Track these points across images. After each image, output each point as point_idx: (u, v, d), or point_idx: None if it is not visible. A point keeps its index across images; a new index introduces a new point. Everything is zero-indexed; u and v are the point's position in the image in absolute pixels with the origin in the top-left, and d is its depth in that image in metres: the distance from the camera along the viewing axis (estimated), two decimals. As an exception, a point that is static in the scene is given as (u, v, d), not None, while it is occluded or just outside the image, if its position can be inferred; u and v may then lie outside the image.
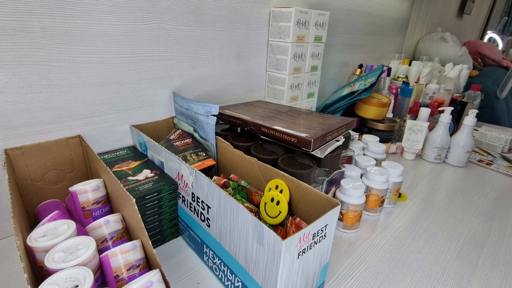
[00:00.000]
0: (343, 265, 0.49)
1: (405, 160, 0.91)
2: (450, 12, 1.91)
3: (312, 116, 0.62)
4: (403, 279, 0.47)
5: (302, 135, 0.48)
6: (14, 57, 0.43)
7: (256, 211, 0.44)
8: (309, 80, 0.84)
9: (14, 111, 0.45)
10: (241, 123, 0.58)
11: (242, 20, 0.70)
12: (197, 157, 0.51)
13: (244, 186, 0.48)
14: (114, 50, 0.52)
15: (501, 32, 2.71)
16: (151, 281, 0.29)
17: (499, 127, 1.27)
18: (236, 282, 0.40)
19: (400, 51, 1.48)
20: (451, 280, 0.47)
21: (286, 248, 0.30)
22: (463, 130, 0.85)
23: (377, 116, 0.87)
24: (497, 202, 0.71)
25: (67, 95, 0.49)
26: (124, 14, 0.51)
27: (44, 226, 0.35)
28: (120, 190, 0.37)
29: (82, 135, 0.52)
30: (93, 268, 0.31)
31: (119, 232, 0.40)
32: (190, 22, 0.61)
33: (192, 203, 0.45)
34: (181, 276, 0.45)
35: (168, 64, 0.60)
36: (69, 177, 0.52)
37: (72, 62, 0.48)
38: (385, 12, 1.21)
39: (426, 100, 1.15)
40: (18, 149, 0.46)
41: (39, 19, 0.43)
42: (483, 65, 1.84)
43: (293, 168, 0.47)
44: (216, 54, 0.68)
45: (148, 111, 0.61)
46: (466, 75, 1.42)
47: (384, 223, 0.61)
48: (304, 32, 0.74)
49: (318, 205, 0.39)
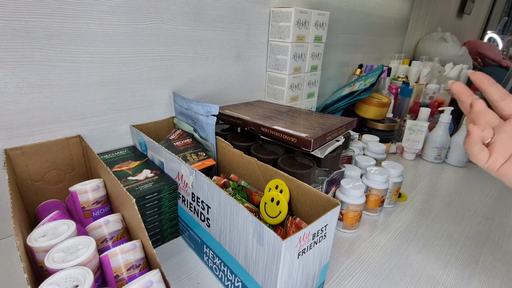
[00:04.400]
0: (343, 265, 0.49)
1: (405, 160, 0.91)
2: (450, 12, 1.91)
3: (312, 116, 0.62)
4: (403, 279, 0.47)
5: (302, 135, 0.48)
6: (14, 57, 0.43)
7: (256, 211, 0.44)
8: (309, 80, 0.84)
9: (14, 111, 0.45)
10: (241, 123, 0.58)
11: (242, 20, 0.70)
12: (197, 157, 0.51)
13: (244, 186, 0.48)
14: (114, 50, 0.52)
15: (501, 32, 2.72)
16: (151, 281, 0.29)
17: (499, 127, 1.27)
18: (236, 282, 0.40)
19: (400, 51, 1.48)
20: (451, 280, 0.47)
21: (286, 248, 0.30)
22: (463, 130, 0.85)
23: (377, 116, 0.87)
24: (497, 202, 0.71)
25: (67, 95, 0.49)
26: (124, 14, 0.51)
27: (44, 226, 0.35)
28: (120, 190, 0.37)
29: (82, 135, 0.52)
30: (93, 268, 0.31)
31: (119, 232, 0.40)
32: (190, 22, 0.61)
33: (192, 203, 0.45)
34: (181, 276, 0.45)
35: (168, 64, 0.60)
36: (69, 177, 0.52)
37: (72, 62, 0.48)
38: (385, 12, 1.21)
39: (426, 100, 1.15)
40: (18, 149, 0.46)
41: (39, 19, 0.43)
42: (483, 65, 1.84)
43: (293, 168, 0.47)
44: (216, 54, 0.68)
45: (148, 111, 0.61)
46: (466, 75, 1.42)
47: (384, 223, 0.61)
48: (304, 32, 0.74)
49: (318, 205, 0.39)
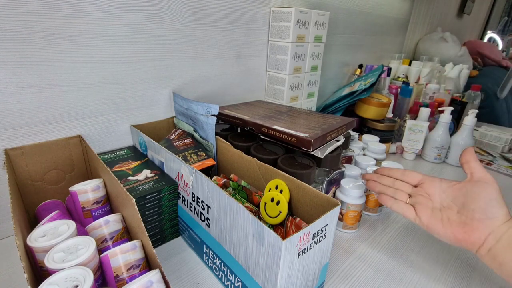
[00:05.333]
0: (343, 265, 0.49)
1: (405, 160, 0.91)
2: (450, 12, 1.91)
3: (312, 116, 0.62)
4: (403, 279, 0.47)
5: (302, 135, 0.48)
6: (14, 57, 0.43)
7: (256, 211, 0.44)
8: (309, 80, 0.84)
9: (14, 111, 0.45)
10: (241, 123, 0.58)
11: (242, 20, 0.70)
12: (197, 157, 0.51)
13: (244, 186, 0.48)
14: (114, 50, 0.52)
15: (501, 32, 2.71)
16: (151, 281, 0.29)
17: (499, 127, 1.27)
18: (236, 282, 0.40)
19: (400, 51, 1.48)
20: (451, 280, 0.47)
21: (286, 248, 0.30)
22: (463, 130, 0.85)
23: (377, 116, 0.87)
24: (497, 202, 0.71)
25: (67, 95, 0.49)
26: (124, 14, 0.51)
27: (44, 226, 0.35)
28: (120, 190, 0.37)
29: (82, 135, 0.52)
30: (93, 268, 0.31)
31: (119, 232, 0.40)
32: (190, 22, 0.61)
33: (192, 203, 0.45)
34: (181, 276, 0.45)
35: (168, 64, 0.60)
36: (69, 177, 0.52)
37: (72, 62, 0.48)
38: (385, 12, 1.21)
39: (426, 100, 1.15)
40: (18, 149, 0.46)
41: (39, 19, 0.43)
42: (483, 65, 1.84)
43: (293, 168, 0.47)
44: (216, 54, 0.68)
45: (148, 111, 0.61)
46: (466, 75, 1.42)
47: (384, 223, 0.61)
48: (304, 32, 0.74)
49: (318, 205, 0.39)
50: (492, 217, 0.38)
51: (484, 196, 0.39)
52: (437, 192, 0.44)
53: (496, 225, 0.38)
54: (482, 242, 0.38)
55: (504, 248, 0.36)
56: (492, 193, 0.39)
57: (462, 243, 0.39)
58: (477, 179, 0.41)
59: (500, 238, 0.37)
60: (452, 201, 0.42)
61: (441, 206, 0.43)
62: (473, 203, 0.39)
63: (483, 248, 0.38)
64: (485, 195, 0.39)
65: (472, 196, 0.40)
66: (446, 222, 0.41)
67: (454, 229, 0.40)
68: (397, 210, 0.45)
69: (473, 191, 0.40)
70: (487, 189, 0.39)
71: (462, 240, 0.39)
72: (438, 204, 0.43)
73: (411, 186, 0.47)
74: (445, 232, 0.41)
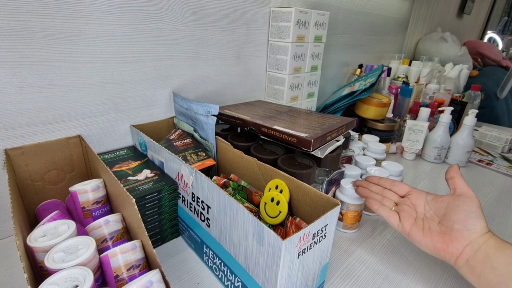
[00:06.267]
0: (343, 265, 0.49)
1: (405, 160, 0.91)
2: (450, 12, 1.91)
3: (312, 116, 0.62)
4: (403, 279, 0.47)
5: (302, 135, 0.48)
6: (14, 57, 0.43)
7: (256, 211, 0.44)
8: (309, 80, 0.84)
9: (14, 111, 0.45)
10: (241, 123, 0.58)
11: (242, 20, 0.70)
12: (197, 157, 0.51)
13: (244, 186, 0.48)
14: (114, 50, 0.52)
15: (501, 32, 2.72)
16: (151, 281, 0.29)
17: (499, 127, 1.27)
18: (236, 282, 0.40)
19: (400, 51, 1.48)
20: (451, 280, 0.47)
21: (286, 248, 0.30)
22: (463, 130, 0.85)
23: (377, 116, 0.87)
24: (497, 202, 0.71)
25: (67, 95, 0.49)
26: (124, 14, 0.51)
27: (44, 226, 0.35)
28: (120, 190, 0.37)
29: (82, 135, 0.52)
30: (93, 268, 0.31)
31: (119, 232, 0.40)
32: (190, 22, 0.61)
33: (192, 203, 0.45)
34: (181, 276, 0.45)
35: (168, 64, 0.60)
36: (69, 177, 0.52)
37: (72, 62, 0.48)
38: (385, 12, 1.21)
39: (426, 100, 1.15)
40: (18, 149, 0.46)
41: (39, 19, 0.43)
42: (483, 65, 1.84)
43: (293, 168, 0.47)
44: (216, 54, 0.68)
45: (148, 111, 0.61)
46: (466, 75, 1.42)
47: (384, 223, 0.61)
48: (304, 32, 0.74)
49: (318, 205, 0.39)
50: (470, 229, 0.39)
51: (464, 208, 0.40)
52: (422, 203, 0.46)
53: (474, 237, 0.38)
54: (460, 252, 0.39)
55: (481, 259, 0.37)
56: (472, 206, 0.40)
57: (440, 252, 0.40)
58: (459, 193, 0.43)
59: (477, 249, 0.38)
60: (434, 213, 0.43)
61: (424, 216, 0.44)
62: (454, 215, 0.41)
63: (460, 258, 0.38)
64: (465, 207, 0.40)
65: (453, 208, 0.41)
66: (427, 231, 0.42)
67: (434, 238, 0.41)
68: (383, 214, 0.46)
69: (454, 204, 0.42)
70: (468, 203, 0.41)
71: (441, 250, 0.40)
72: (421, 215, 0.45)
73: (399, 196, 0.49)
74: (425, 241, 0.42)
